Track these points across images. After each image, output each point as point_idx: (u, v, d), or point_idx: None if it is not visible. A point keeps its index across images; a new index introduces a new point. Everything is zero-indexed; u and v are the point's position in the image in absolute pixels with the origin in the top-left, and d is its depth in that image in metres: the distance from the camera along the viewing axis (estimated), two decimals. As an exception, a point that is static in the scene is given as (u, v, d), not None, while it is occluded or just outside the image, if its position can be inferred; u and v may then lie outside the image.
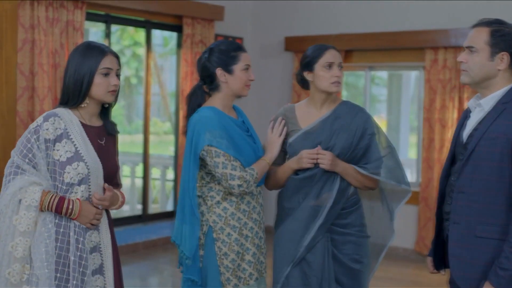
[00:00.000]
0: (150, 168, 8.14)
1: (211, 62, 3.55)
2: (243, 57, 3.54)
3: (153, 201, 9.38)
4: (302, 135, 3.61)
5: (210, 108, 3.54)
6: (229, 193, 3.51)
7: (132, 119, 15.32)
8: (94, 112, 3.20)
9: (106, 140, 3.23)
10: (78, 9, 6.53)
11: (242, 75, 3.54)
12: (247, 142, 3.55)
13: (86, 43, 3.18)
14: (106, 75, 3.11)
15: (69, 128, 3.08)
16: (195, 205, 3.50)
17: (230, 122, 3.53)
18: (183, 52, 7.76)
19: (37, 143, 3.04)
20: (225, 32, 8.28)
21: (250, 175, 3.43)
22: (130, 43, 14.48)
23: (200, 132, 3.46)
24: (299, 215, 3.58)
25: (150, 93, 7.90)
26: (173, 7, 7.52)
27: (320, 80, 3.58)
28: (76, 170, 3.03)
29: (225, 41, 3.62)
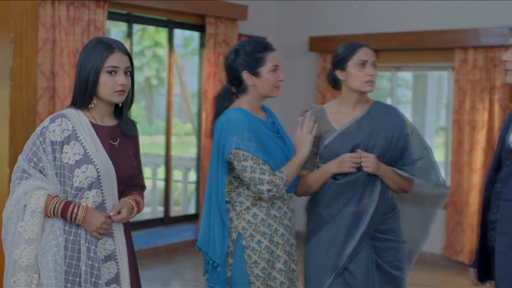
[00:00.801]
0: (172, 170, 7.99)
1: (237, 64, 3.40)
2: (270, 57, 3.38)
3: (174, 204, 9.26)
4: (339, 136, 3.45)
5: (238, 109, 3.39)
6: (258, 198, 3.36)
7: (152, 120, 15.29)
8: (105, 112, 3.04)
9: (120, 140, 3.07)
10: (99, 8, 6.41)
11: (270, 77, 3.38)
12: (277, 144, 3.39)
13: (95, 39, 3.02)
14: (112, 74, 2.94)
15: (77, 129, 2.94)
16: (223, 211, 3.36)
17: (258, 124, 3.37)
18: (206, 52, 7.62)
19: (42, 146, 2.91)
20: (249, 31, 8.13)
21: (280, 179, 3.27)
22: (150, 43, 14.45)
23: (227, 135, 3.31)
24: (339, 222, 3.41)
25: (172, 94, 7.74)
26: (196, 6, 7.38)
27: (352, 79, 3.43)
28: (85, 173, 2.88)
29: (251, 41, 3.44)
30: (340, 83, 3.52)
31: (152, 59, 14.87)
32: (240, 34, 7.99)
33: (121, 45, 3.01)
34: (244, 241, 3.35)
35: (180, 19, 7.53)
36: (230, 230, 3.38)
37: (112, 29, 10.46)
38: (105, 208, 2.96)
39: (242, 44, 3.43)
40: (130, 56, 3.03)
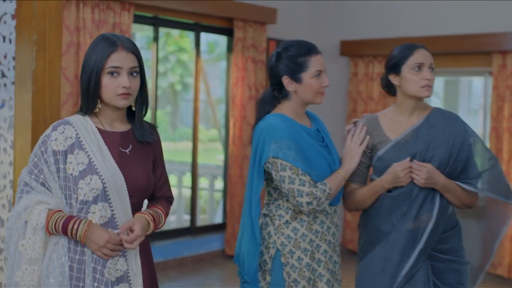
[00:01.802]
0: (198, 178, 7.76)
1: (278, 68, 3.16)
2: (313, 62, 3.12)
3: (200, 212, 9.03)
4: (394, 147, 3.17)
5: (278, 115, 3.14)
6: (299, 212, 3.11)
7: (176, 126, 15.14)
8: (114, 117, 2.75)
9: (133, 147, 2.76)
10: (125, 10, 6.20)
11: (313, 83, 3.12)
12: (321, 153, 3.14)
13: (101, 35, 2.73)
14: (113, 75, 2.64)
15: (82, 136, 2.66)
16: (256, 224, 3.12)
17: (300, 131, 3.12)
18: (234, 57, 7.38)
19: (44, 156, 2.64)
20: (277, 35, 7.89)
21: (322, 191, 3.02)
22: (175, 49, 14.30)
23: (265, 142, 3.08)
24: (394, 240, 3.13)
25: (199, 99, 7.52)
26: (223, 9, 7.14)
27: (408, 84, 3.15)
28: (89, 185, 2.59)
29: (294, 44, 3.18)
30: (395, 89, 3.25)
31: (176, 64, 14.74)
32: (269, 38, 7.75)
33: (126, 42, 2.70)
34: (283, 258, 3.11)
35: (207, 23, 7.30)
36: (268, 246, 3.15)
37: (136, 34, 10.30)
38: (115, 224, 2.66)
39: (285, 47, 3.18)
40: (137, 55, 2.72)
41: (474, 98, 10.40)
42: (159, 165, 2.89)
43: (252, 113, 7.40)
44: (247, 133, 7.39)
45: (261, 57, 7.54)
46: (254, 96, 7.41)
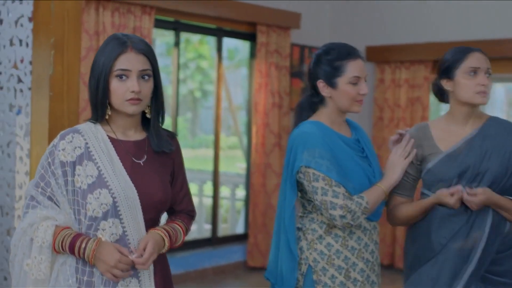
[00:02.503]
0: (219, 187, 7.56)
1: (315, 71, 2.95)
2: (351, 67, 2.89)
3: (221, 221, 8.83)
4: (445, 159, 2.93)
5: (313, 122, 2.93)
6: (333, 226, 2.89)
7: (195, 133, 15.00)
8: (126, 124, 2.53)
9: (148, 158, 2.53)
10: (146, 14, 6.02)
11: (349, 89, 2.90)
12: (359, 164, 2.92)
13: (112, 35, 2.51)
14: (122, 78, 2.42)
15: (91, 146, 2.44)
16: (292, 240, 2.92)
17: (337, 140, 2.90)
18: (257, 63, 7.17)
19: (51, 168, 2.43)
20: (301, 41, 7.69)
21: (357, 205, 2.80)
22: (194, 55, 14.16)
23: (297, 151, 2.87)
24: (444, 260, 2.89)
25: (221, 106, 7.32)
26: (246, 13, 6.94)
27: (461, 90, 2.92)
28: (98, 199, 2.37)
29: (335, 46, 2.97)
30: (448, 95, 3.03)
31: (196, 71, 14.61)
32: (293, 43, 7.54)
33: (137, 43, 2.47)
34: (315, 275, 2.90)
35: (230, 27, 7.10)
36: (300, 262, 2.94)
37: (157, 39, 10.14)
38: (127, 242, 2.43)
39: (325, 49, 2.98)
40: (149, 56, 2.49)
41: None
42: (178, 177, 2.67)
43: (275, 120, 7.20)
44: (270, 141, 7.19)
45: (285, 63, 7.33)
46: (278, 103, 7.21)
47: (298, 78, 7.66)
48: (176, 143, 2.68)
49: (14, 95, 3.99)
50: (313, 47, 7.81)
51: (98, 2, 5.68)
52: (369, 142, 3.07)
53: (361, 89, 2.91)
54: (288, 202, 2.95)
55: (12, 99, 4.01)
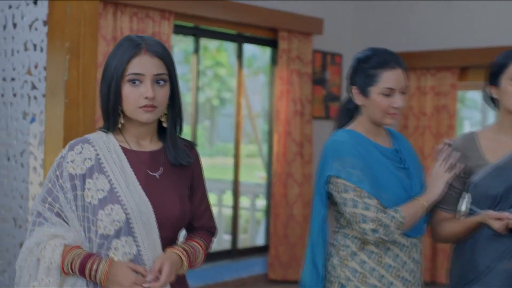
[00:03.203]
0: (239, 196, 7.35)
1: (352, 76, 2.76)
2: (385, 77, 2.67)
3: (241, 231, 8.64)
4: (493, 172, 2.70)
5: (347, 131, 2.73)
6: (368, 242, 2.68)
7: (213, 142, 14.89)
8: (141, 134, 2.33)
9: (165, 170, 2.33)
10: (165, 20, 5.84)
11: (381, 101, 2.68)
12: (395, 176, 2.70)
13: (125, 36, 2.31)
14: (135, 83, 2.22)
15: (103, 157, 2.25)
16: (317, 255, 2.79)
17: (372, 149, 2.70)
18: (278, 70, 6.97)
19: (59, 181, 2.23)
20: (323, 47, 7.49)
21: (391, 219, 2.58)
22: (212, 63, 14.06)
23: (327, 160, 2.68)
24: (490, 281, 2.67)
25: (241, 114, 7.13)
26: (268, 19, 6.75)
27: (506, 98, 2.70)
28: (109, 216, 2.17)
29: (375, 52, 2.74)
30: (496, 103, 2.81)
31: (213, 79, 14.51)
32: (315, 50, 7.34)
33: (152, 45, 2.27)
34: (348, 294, 2.69)
35: (250, 33, 6.91)
36: (331, 280, 2.74)
37: (175, 47, 9.99)
38: (141, 262, 2.22)
39: (364, 54, 2.77)
40: (166, 59, 2.28)
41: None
42: (198, 190, 2.46)
43: (297, 128, 7.00)
44: (292, 150, 6.98)
45: (307, 70, 7.13)
46: (299, 111, 7.00)
47: (320, 85, 7.46)
48: (196, 153, 2.47)
49: (28, 102, 3.82)
50: (335, 54, 7.61)
51: (115, 6, 5.52)
52: (411, 153, 2.85)
53: (394, 102, 2.69)
54: (317, 214, 2.76)
55: (25, 106, 3.84)
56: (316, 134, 7.32)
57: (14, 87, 3.94)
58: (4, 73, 4.04)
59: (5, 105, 4.04)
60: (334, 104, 7.58)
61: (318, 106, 7.39)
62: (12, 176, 3.96)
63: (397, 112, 2.70)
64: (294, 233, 6.98)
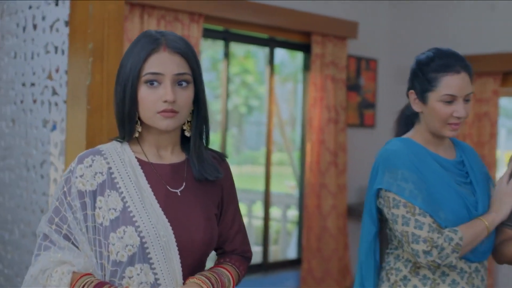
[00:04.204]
0: (270, 207, 7.04)
1: (409, 79, 2.46)
2: (446, 82, 2.38)
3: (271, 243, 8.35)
4: None
5: (403, 139, 2.43)
6: (421, 266, 2.38)
7: (240, 149, 14.66)
8: (160, 144, 2.03)
9: (188, 186, 2.04)
10: (194, 23, 5.57)
11: (440, 109, 2.38)
12: (456, 191, 2.39)
13: (143, 32, 2.01)
14: (153, 85, 1.93)
15: (116, 171, 1.95)
16: (366, 277, 2.54)
17: (429, 161, 2.39)
18: (312, 75, 6.65)
19: (67, 199, 1.94)
20: (358, 52, 7.17)
21: (447, 240, 2.28)
22: (239, 70, 13.84)
23: (378, 171, 2.39)
24: None
25: (273, 121, 6.83)
26: (301, 22, 6.44)
27: None
28: (122, 240, 1.88)
29: (439, 53, 2.45)
30: None
31: (241, 86, 14.29)
32: (349, 55, 7.02)
33: (173, 41, 1.97)
34: (399, 326, 2.39)
35: (282, 37, 6.60)
36: None
37: (203, 52, 9.76)
38: None
39: (426, 55, 2.48)
40: (189, 57, 1.98)
41: None
42: (228, 209, 2.16)
43: (331, 136, 6.68)
44: (325, 159, 6.66)
45: (341, 75, 6.80)
46: (334, 119, 6.68)
47: (355, 91, 7.14)
48: (226, 167, 2.17)
49: (49, 109, 3.55)
50: (370, 59, 7.29)
51: (142, 8, 5.25)
52: (478, 166, 2.54)
53: (455, 111, 2.39)
54: (366, 232, 2.47)
55: (46, 113, 3.57)
56: (351, 142, 7.01)
57: (34, 92, 3.69)
58: (24, 77, 3.79)
59: (25, 112, 3.78)
60: (369, 111, 7.27)
61: (353, 114, 7.08)
62: (32, 188, 3.70)
63: (459, 123, 2.39)
64: (328, 246, 6.65)
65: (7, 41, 4.01)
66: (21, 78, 3.81)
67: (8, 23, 3.97)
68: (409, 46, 7.40)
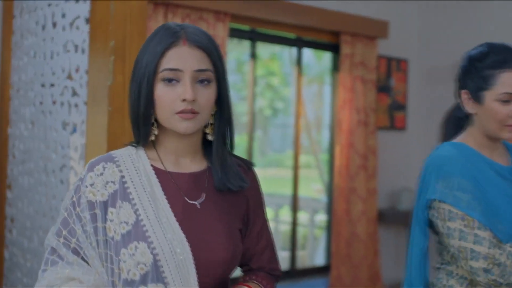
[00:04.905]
0: (298, 212, 6.84)
1: (461, 78, 2.24)
2: (504, 79, 2.17)
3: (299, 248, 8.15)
4: None
5: (456, 144, 2.21)
6: (478, 284, 2.17)
7: (265, 152, 14.49)
8: (179, 150, 1.82)
9: (208, 197, 1.83)
10: (220, 22, 5.39)
11: (497, 109, 2.17)
12: None
13: (162, 25, 1.79)
14: (171, 82, 1.73)
15: (129, 180, 1.75)
16: None
17: (485, 168, 2.17)
18: (341, 76, 6.45)
19: (76, 210, 1.75)
20: (387, 52, 6.95)
21: (510, 257, 2.06)
22: (264, 72, 13.68)
23: (431, 180, 2.16)
24: None
25: (301, 123, 6.64)
26: (330, 21, 6.23)
27: None
28: (133, 257, 1.68)
29: (495, 49, 2.23)
30: None
31: (265, 88, 14.13)
32: (379, 55, 6.81)
33: (194, 35, 1.76)
34: None
35: (310, 37, 6.40)
36: None
37: (229, 53, 9.60)
38: None
39: (480, 50, 2.26)
40: (212, 52, 1.78)
41: None
42: (256, 223, 1.94)
43: (361, 140, 6.47)
44: (355, 163, 6.45)
45: (371, 77, 6.59)
46: (363, 121, 6.47)
47: (385, 93, 6.92)
48: (253, 176, 1.95)
49: (68, 111, 3.38)
50: (401, 59, 7.06)
51: (166, 7, 5.09)
52: None
53: None
54: (416, 246, 2.25)
55: (66, 115, 3.41)
56: (381, 145, 6.79)
57: (53, 93, 3.53)
58: (43, 78, 3.63)
59: (44, 114, 3.62)
60: (399, 113, 7.04)
61: (383, 116, 6.86)
62: (51, 194, 3.53)
63: None
64: (357, 253, 6.43)
65: (26, 40, 3.86)
66: (41, 79, 3.66)
67: (28, 21, 3.82)
68: (441, 45, 7.17)
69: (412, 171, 7.05)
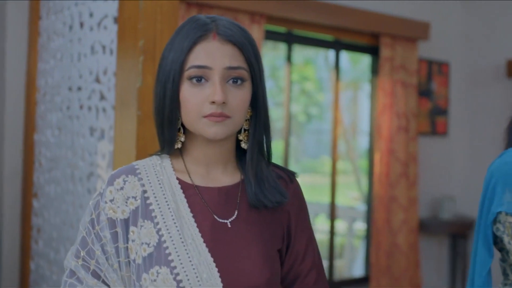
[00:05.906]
0: (336, 220, 6.59)
1: None
2: None
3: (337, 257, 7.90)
4: None
5: None
6: None
7: (299, 158, 14.30)
8: (207, 159, 1.59)
9: (241, 215, 1.60)
10: (255, 23, 5.18)
11: None
12: None
13: (190, 17, 1.60)
14: (199, 82, 1.52)
15: (151, 195, 1.53)
16: None
17: None
18: (380, 80, 6.19)
19: (95, 229, 1.55)
20: (428, 54, 6.69)
21: None
22: (298, 78, 13.49)
23: (496, 190, 1.91)
24: None
25: (338, 129, 6.39)
26: (369, 23, 5.99)
27: None
28: (155, 283, 1.47)
29: None
30: None
31: (300, 94, 13.93)
32: (420, 58, 6.54)
33: (226, 27, 1.54)
34: None
35: (348, 39, 6.16)
36: None
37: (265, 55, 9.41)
38: None
39: None
40: (246, 48, 1.55)
41: None
42: (299, 240, 1.70)
43: (401, 146, 6.20)
44: (395, 170, 6.19)
45: (412, 80, 6.32)
46: (404, 127, 6.20)
47: (426, 97, 6.65)
48: (295, 189, 1.71)
49: (96, 116, 3.19)
50: (442, 62, 6.79)
51: (200, 8, 4.90)
52: None
53: None
54: (480, 263, 2.00)
55: (93, 120, 3.21)
56: (422, 152, 6.52)
57: (81, 97, 3.34)
58: (70, 81, 3.45)
59: (71, 119, 3.44)
60: (441, 118, 6.76)
61: (424, 121, 6.60)
62: (78, 203, 3.34)
63: None
64: (398, 264, 6.16)
65: (53, 42, 3.69)
66: (68, 82, 3.48)
67: (54, 22, 3.65)
68: (484, 48, 6.88)
69: (454, 179, 6.77)
